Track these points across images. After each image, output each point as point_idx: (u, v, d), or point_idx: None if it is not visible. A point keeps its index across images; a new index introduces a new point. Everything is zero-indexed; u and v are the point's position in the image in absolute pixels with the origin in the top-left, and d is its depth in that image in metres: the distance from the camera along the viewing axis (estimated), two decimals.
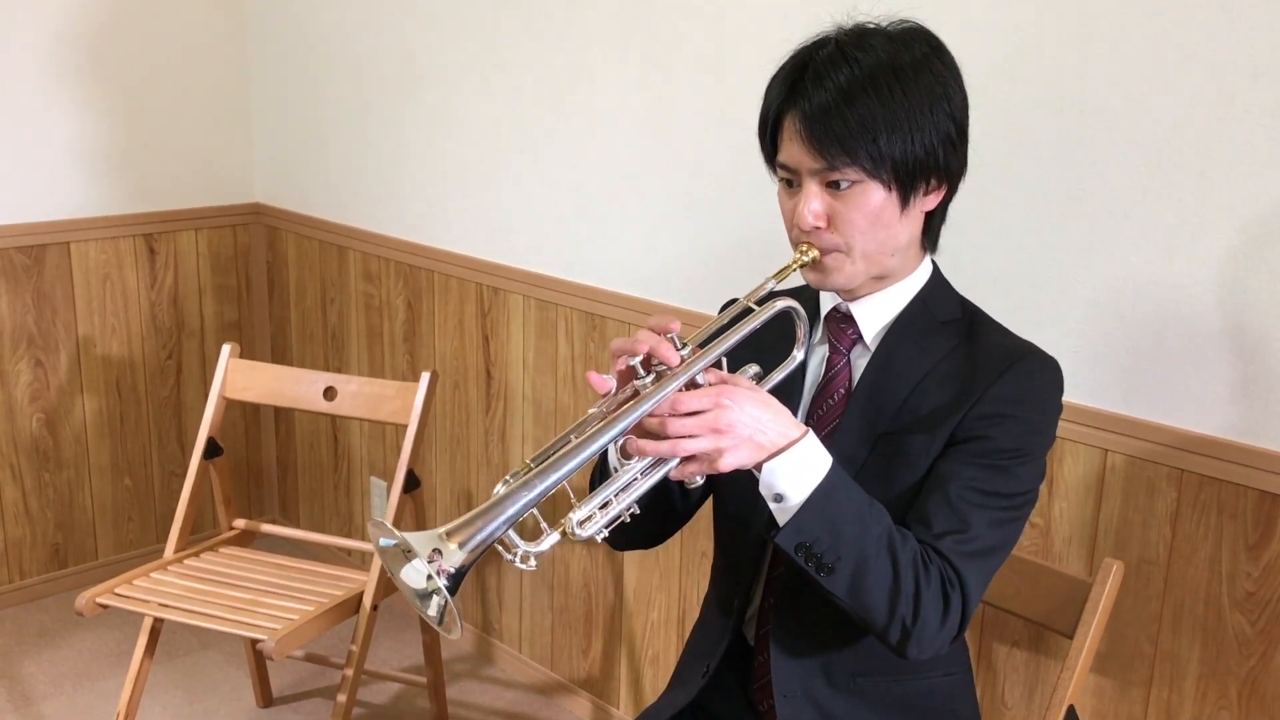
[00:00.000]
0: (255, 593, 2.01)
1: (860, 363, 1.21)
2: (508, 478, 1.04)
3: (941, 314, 1.20)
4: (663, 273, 2.04)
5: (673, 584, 2.15)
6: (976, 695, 1.34)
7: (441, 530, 0.95)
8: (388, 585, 2.03)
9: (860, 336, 1.21)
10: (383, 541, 1.00)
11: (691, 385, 1.06)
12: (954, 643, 1.14)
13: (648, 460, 1.04)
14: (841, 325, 1.22)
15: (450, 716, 2.34)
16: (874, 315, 1.21)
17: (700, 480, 1.08)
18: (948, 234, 1.22)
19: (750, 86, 1.82)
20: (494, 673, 2.52)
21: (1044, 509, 1.58)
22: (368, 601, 1.99)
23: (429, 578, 0.95)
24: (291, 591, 2.02)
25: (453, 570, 0.94)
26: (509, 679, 2.50)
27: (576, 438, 1.03)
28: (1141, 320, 1.46)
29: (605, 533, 1.03)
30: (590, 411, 1.09)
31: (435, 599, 0.97)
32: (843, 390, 1.21)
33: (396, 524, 2.05)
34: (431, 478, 2.59)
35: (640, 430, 1.04)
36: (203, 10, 2.81)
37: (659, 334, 1.07)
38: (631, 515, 1.05)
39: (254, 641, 2.24)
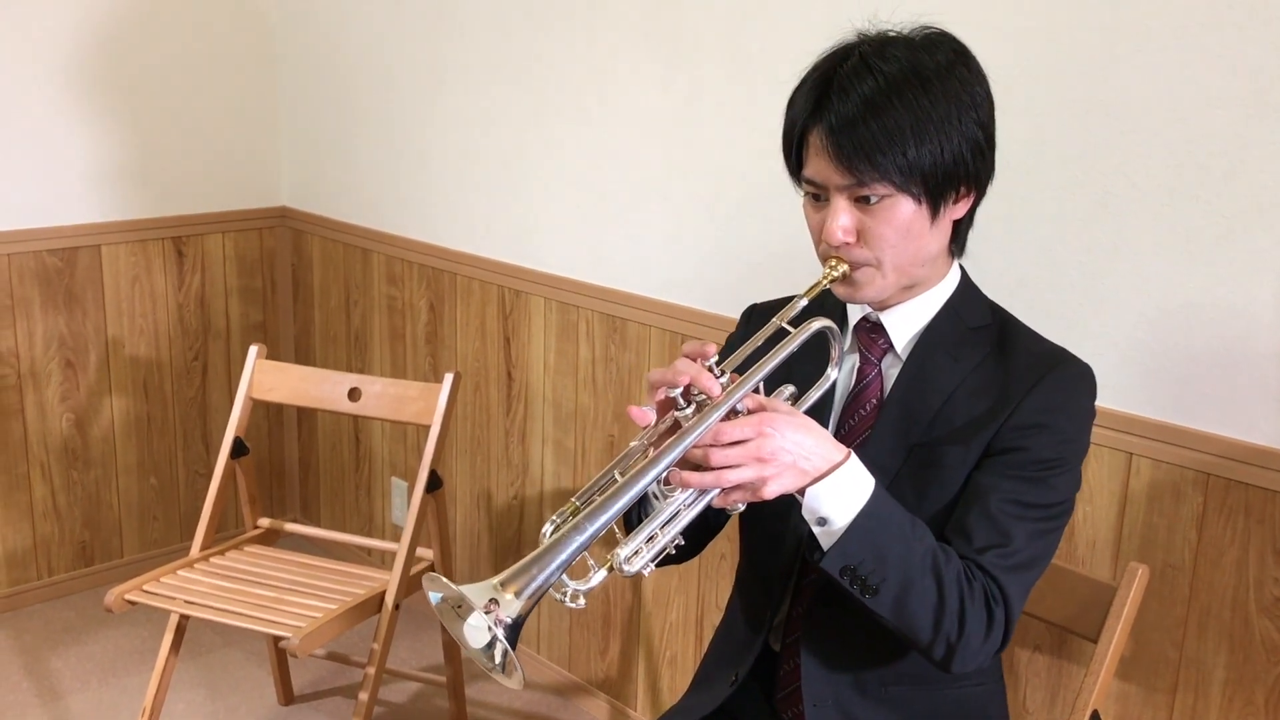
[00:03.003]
0: (280, 591, 2.02)
1: (892, 372, 1.20)
2: (554, 518, 1.04)
3: (972, 320, 1.19)
4: (685, 276, 2.04)
5: (691, 585, 2.15)
6: (1007, 704, 1.33)
7: (496, 580, 0.95)
8: (409, 585, 2.05)
9: (891, 346, 1.21)
10: (434, 596, 0.99)
11: (731, 412, 1.05)
12: (997, 655, 1.14)
13: (691, 491, 1.04)
14: (872, 335, 1.22)
15: (469, 716, 2.35)
16: (905, 324, 1.20)
17: (742, 507, 1.07)
18: (972, 237, 1.22)
19: (775, 90, 1.82)
20: None
21: None
22: (389, 600, 2.00)
23: (488, 629, 0.95)
24: (315, 590, 2.03)
25: (510, 621, 0.94)
26: (527, 679, 2.50)
27: (621, 474, 1.03)
28: (1169, 323, 1.45)
29: (652, 567, 1.03)
30: (631, 445, 1.09)
31: (498, 646, 0.96)
32: (874, 400, 1.20)
33: (418, 525, 2.07)
34: (452, 478, 2.60)
35: (683, 462, 1.03)
36: (230, 16, 2.84)
37: (695, 359, 1.06)
38: (676, 546, 1.05)
39: (276, 639, 2.26)
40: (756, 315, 1.36)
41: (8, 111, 2.54)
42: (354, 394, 2.16)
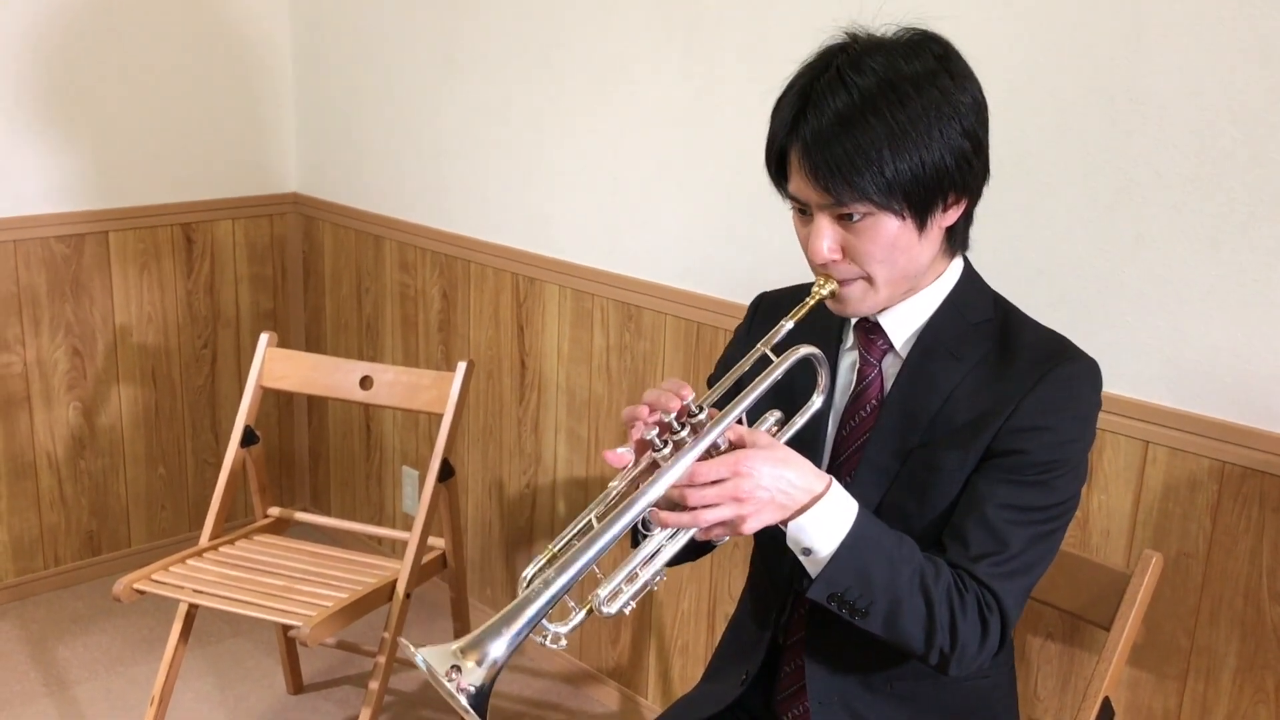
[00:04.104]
0: (290, 580, 2.02)
1: (892, 372, 1.19)
2: (531, 566, 1.05)
3: (973, 315, 1.17)
4: (699, 264, 2.04)
5: (703, 574, 2.15)
6: (1018, 695, 1.33)
7: (455, 646, 0.93)
8: (421, 574, 2.05)
9: (891, 346, 1.19)
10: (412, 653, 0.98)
11: (712, 446, 1.05)
12: (996, 657, 1.14)
13: (671, 529, 1.05)
14: (870, 336, 1.20)
15: None
16: (903, 324, 1.18)
17: (726, 539, 1.08)
18: (991, 226, 1.22)
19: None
20: (523, 661, 2.53)
21: (1083, 501, 1.57)
22: (401, 589, 2.00)
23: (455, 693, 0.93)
24: (325, 579, 2.03)
25: (473, 690, 0.92)
26: (538, 668, 2.50)
27: (598, 521, 1.04)
28: (1188, 311, 1.45)
29: (633, 605, 1.03)
30: (610, 485, 1.09)
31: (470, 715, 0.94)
32: (875, 401, 1.20)
33: (430, 514, 2.07)
34: (464, 467, 2.61)
35: (662, 501, 1.03)
36: (243, 1, 2.83)
37: (673, 393, 1.06)
38: (659, 582, 1.05)
39: (286, 628, 2.26)
40: (765, 304, 1.35)
41: (14, 97, 2.54)
42: (366, 382, 2.16)
